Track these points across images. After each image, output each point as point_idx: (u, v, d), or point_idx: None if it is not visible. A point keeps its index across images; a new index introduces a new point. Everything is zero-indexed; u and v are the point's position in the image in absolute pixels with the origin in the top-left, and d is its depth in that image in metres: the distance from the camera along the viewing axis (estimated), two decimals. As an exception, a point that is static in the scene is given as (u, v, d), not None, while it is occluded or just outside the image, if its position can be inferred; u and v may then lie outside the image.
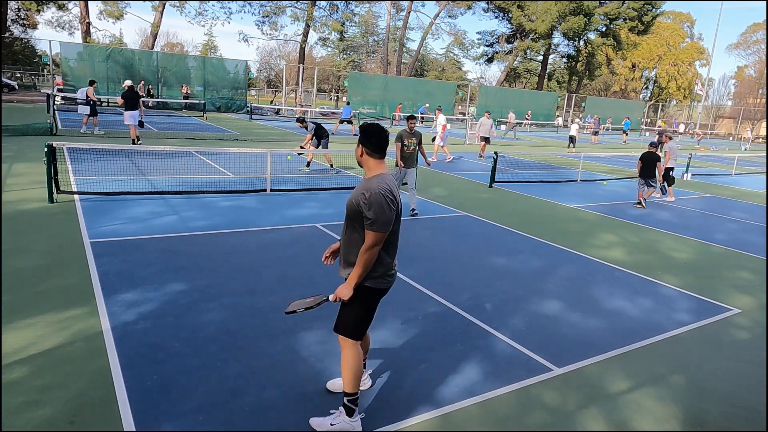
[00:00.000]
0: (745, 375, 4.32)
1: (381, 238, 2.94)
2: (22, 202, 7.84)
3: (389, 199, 2.94)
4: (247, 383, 3.60)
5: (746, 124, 59.55)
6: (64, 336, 4.05)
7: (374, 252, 2.96)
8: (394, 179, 3.13)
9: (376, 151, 3.10)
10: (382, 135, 3.12)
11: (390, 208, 2.93)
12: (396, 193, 3.03)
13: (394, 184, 3.06)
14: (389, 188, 2.98)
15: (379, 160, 3.12)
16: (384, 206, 2.91)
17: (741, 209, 12.50)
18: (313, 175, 12.33)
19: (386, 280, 3.14)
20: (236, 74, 32.58)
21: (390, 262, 3.13)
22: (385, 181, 2.99)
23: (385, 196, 2.92)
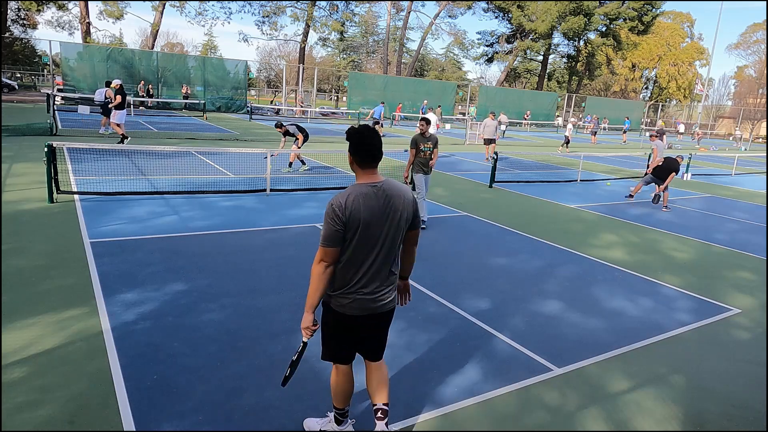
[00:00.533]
0: (745, 375, 4.32)
1: (325, 254, 2.64)
2: (22, 202, 7.84)
3: (335, 213, 2.58)
4: (247, 383, 3.60)
5: (746, 124, 59.55)
6: (64, 336, 4.05)
7: (319, 268, 2.67)
8: (374, 190, 2.66)
9: (363, 159, 2.70)
10: (368, 141, 2.70)
11: (333, 221, 2.58)
12: (352, 206, 2.58)
13: (362, 196, 2.62)
14: (342, 201, 2.59)
15: (366, 170, 2.72)
16: (327, 219, 2.61)
17: (741, 209, 12.50)
18: (313, 175, 12.33)
19: (347, 303, 2.76)
20: (236, 74, 32.59)
21: (353, 283, 2.73)
22: (348, 192, 2.63)
23: (332, 208, 2.59)
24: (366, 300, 2.77)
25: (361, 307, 2.78)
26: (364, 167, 2.71)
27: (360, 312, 2.79)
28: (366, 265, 2.71)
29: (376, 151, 2.70)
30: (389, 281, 2.84)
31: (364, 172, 2.72)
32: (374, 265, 2.73)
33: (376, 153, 2.70)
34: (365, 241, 2.66)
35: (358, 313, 2.79)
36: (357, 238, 2.64)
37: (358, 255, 2.68)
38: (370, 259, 2.71)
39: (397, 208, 2.71)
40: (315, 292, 2.72)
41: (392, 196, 2.70)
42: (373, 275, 2.74)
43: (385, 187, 2.70)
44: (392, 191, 2.70)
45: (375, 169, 2.73)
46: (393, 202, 2.69)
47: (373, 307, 2.81)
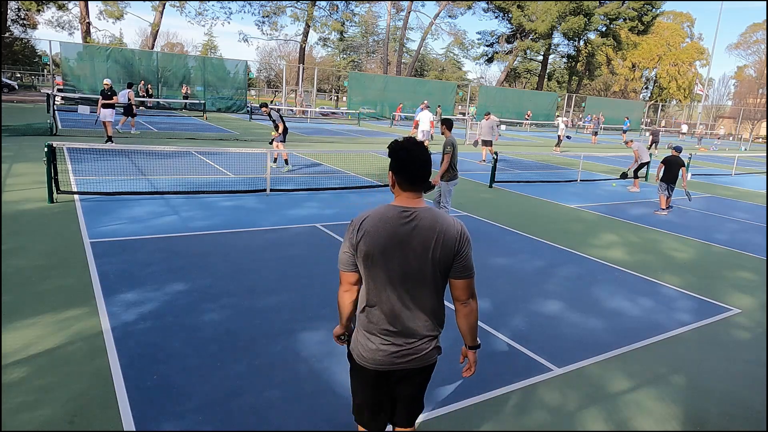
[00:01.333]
0: (745, 375, 4.32)
1: (341, 277, 2.29)
2: (22, 202, 7.83)
3: (348, 231, 2.24)
4: (247, 383, 3.60)
5: (746, 124, 59.56)
6: (64, 336, 4.05)
7: (339, 292, 2.33)
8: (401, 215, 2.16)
9: (406, 179, 2.19)
10: (414, 158, 2.17)
11: (346, 240, 2.23)
12: (366, 228, 2.16)
13: (382, 218, 2.17)
14: (359, 219, 2.21)
15: (407, 193, 2.21)
16: (345, 236, 2.27)
17: (741, 209, 12.50)
18: (313, 174, 12.33)
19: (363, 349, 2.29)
20: (236, 74, 32.59)
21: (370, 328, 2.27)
22: (369, 211, 2.23)
23: (348, 227, 2.25)
24: (382, 351, 2.26)
25: (377, 359, 2.28)
26: (406, 189, 2.20)
27: (375, 365, 2.29)
28: (381, 305, 2.23)
29: (423, 172, 2.19)
30: (416, 332, 2.27)
31: (404, 194, 2.22)
32: (391, 308, 2.22)
33: (422, 173, 2.19)
34: (377, 274, 2.19)
35: (372, 366, 2.29)
36: (369, 270, 2.20)
37: (372, 290, 2.24)
38: (384, 298, 2.22)
39: (424, 242, 2.15)
40: (341, 314, 2.39)
41: (423, 227, 2.15)
42: (391, 320, 2.24)
43: (420, 214, 2.17)
44: (426, 221, 2.16)
45: (418, 193, 2.22)
46: (420, 234, 2.15)
47: (391, 361, 2.27)
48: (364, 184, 11.56)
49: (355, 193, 10.57)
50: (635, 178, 13.78)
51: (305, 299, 5.09)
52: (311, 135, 22.55)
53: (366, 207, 9.35)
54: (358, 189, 10.99)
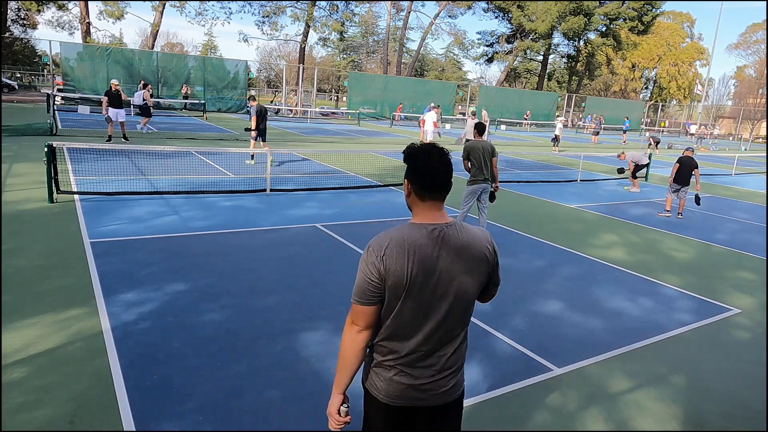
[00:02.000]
0: (745, 375, 4.32)
1: (355, 314, 1.93)
2: (22, 202, 7.83)
3: (369, 259, 1.87)
4: (247, 383, 3.60)
5: (746, 124, 59.56)
6: (64, 336, 4.05)
7: (349, 334, 1.94)
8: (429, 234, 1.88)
9: (424, 187, 1.92)
10: (435, 163, 1.91)
11: (368, 270, 1.86)
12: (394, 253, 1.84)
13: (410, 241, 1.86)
14: (383, 244, 1.87)
15: (427, 204, 1.93)
16: (360, 265, 1.91)
17: (741, 209, 12.50)
18: (313, 175, 12.33)
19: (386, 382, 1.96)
20: (236, 74, 32.58)
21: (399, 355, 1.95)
22: (392, 234, 1.90)
23: (368, 251, 1.89)
24: (413, 386, 1.95)
25: (406, 395, 1.96)
26: (425, 199, 1.92)
27: (404, 402, 1.97)
28: (416, 339, 1.93)
29: (444, 178, 1.92)
30: (450, 362, 1.98)
31: (424, 206, 1.93)
32: (427, 341, 1.94)
33: (444, 180, 1.92)
34: (414, 305, 1.89)
35: (401, 404, 1.97)
36: (401, 302, 1.88)
37: (403, 324, 1.92)
38: (421, 331, 1.92)
39: (459, 264, 1.90)
40: (343, 368, 1.95)
41: (455, 246, 1.90)
42: (426, 353, 1.95)
43: (449, 231, 1.91)
44: (456, 239, 1.91)
45: (440, 203, 1.94)
46: (453, 255, 1.89)
47: (425, 398, 1.97)
48: (364, 184, 11.55)
49: (355, 193, 10.57)
50: (634, 178, 13.80)
51: (305, 299, 5.09)
52: (311, 135, 22.55)
53: (366, 207, 9.38)
54: (358, 189, 10.99)
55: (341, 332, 2.00)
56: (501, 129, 36.22)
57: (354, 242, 7.08)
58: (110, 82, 15.31)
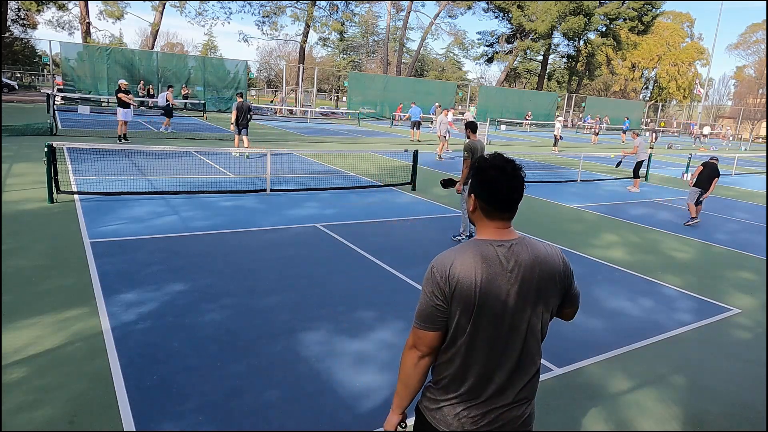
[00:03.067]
0: (746, 375, 4.31)
1: (418, 339, 1.80)
2: (22, 202, 7.83)
3: (434, 280, 1.75)
4: (247, 383, 3.60)
5: (746, 124, 59.56)
6: (64, 336, 4.05)
7: (410, 359, 1.83)
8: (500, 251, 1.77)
9: (495, 204, 1.80)
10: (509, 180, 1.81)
11: (432, 293, 1.75)
12: (462, 272, 1.72)
13: (480, 259, 1.74)
14: (448, 263, 1.75)
15: (495, 222, 1.83)
16: (425, 287, 1.79)
17: (741, 209, 12.50)
18: (313, 174, 12.32)
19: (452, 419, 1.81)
20: (236, 74, 32.58)
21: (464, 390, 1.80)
22: (458, 251, 1.78)
23: (432, 272, 1.77)
24: (482, 415, 1.81)
25: (476, 427, 1.81)
26: (494, 217, 1.82)
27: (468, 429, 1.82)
28: (484, 363, 1.79)
29: (516, 196, 1.81)
30: (523, 388, 1.84)
31: (492, 223, 1.83)
32: (499, 365, 1.80)
33: (516, 199, 1.82)
34: (482, 329, 1.76)
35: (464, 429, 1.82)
36: (471, 325, 1.75)
37: (471, 350, 1.78)
38: (490, 354, 1.79)
39: (536, 284, 1.79)
40: (405, 389, 1.86)
41: (527, 264, 1.78)
42: (486, 384, 1.81)
43: (518, 248, 1.79)
44: (527, 255, 1.79)
45: (509, 221, 1.84)
46: (529, 273, 1.77)
47: (497, 428, 1.82)
48: (364, 184, 11.55)
49: (355, 193, 10.57)
50: (636, 177, 13.79)
51: (305, 299, 5.09)
52: (311, 135, 22.55)
53: (366, 207, 9.38)
54: (358, 189, 10.98)
55: (341, 332, 1.99)
56: (501, 129, 36.21)
57: (354, 242, 7.08)
58: (119, 82, 15.43)
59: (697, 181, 10.11)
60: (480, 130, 26.17)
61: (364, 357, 4.07)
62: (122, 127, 14.86)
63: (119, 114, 14.89)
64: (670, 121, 58.79)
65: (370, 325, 4.60)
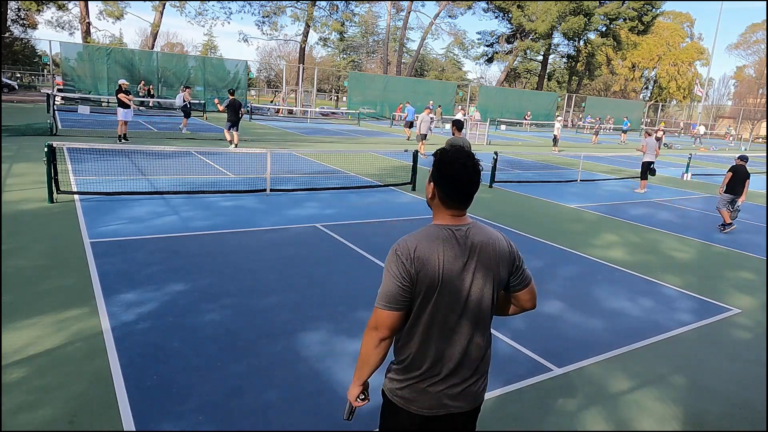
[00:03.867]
0: (746, 375, 4.31)
1: (380, 319, 1.87)
2: (22, 202, 7.83)
3: (399, 262, 1.84)
4: (247, 383, 3.60)
5: (746, 124, 59.56)
6: (64, 336, 4.05)
7: (371, 340, 1.90)
8: (456, 235, 1.90)
9: (451, 195, 1.92)
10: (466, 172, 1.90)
11: (397, 273, 1.84)
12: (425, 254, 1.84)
13: (439, 241, 1.87)
14: (411, 246, 1.86)
15: (451, 210, 1.94)
16: (387, 268, 1.87)
17: (742, 209, 12.48)
18: (313, 174, 12.32)
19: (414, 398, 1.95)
20: (236, 74, 32.58)
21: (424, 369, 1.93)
22: (419, 235, 1.90)
23: (396, 254, 1.86)
24: (442, 393, 1.94)
25: (435, 404, 1.95)
26: (450, 207, 1.93)
27: (431, 411, 1.95)
28: (442, 340, 1.92)
29: (474, 189, 1.93)
30: (477, 365, 2.00)
31: (448, 211, 1.95)
32: (456, 343, 1.94)
33: (473, 191, 1.93)
34: (442, 307, 1.88)
35: (428, 413, 1.95)
36: (432, 303, 1.87)
37: (431, 328, 1.90)
38: (447, 332, 1.92)
39: (487, 263, 1.93)
40: (365, 366, 1.96)
41: (482, 245, 1.93)
42: (449, 360, 1.94)
43: (473, 231, 1.94)
44: (480, 237, 1.94)
45: (464, 211, 1.97)
46: (481, 254, 1.92)
47: (454, 405, 1.96)
48: (364, 184, 11.55)
49: (355, 193, 10.57)
50: (643, 179, 13.66)
51: (305, 299, 5.09)
52: (311, 135, 22.56)
53: (366, 207, 9.38)
54: (358, 189, 10.98)
55: (341, 332, 2.01)
56: (501, 129, 36.21)
57: (354, 242, 7.08)
58: (119, 82, 15.43)
59: (728, 187, 9.88)
60: (480, 130, 26.21)
61: (364, 357, 4.07)
62: (122, 127, 14.90)
63: (119, 114, 14.94)
64: (670, 121, 58.79)
65: (370, 325, 4.60)
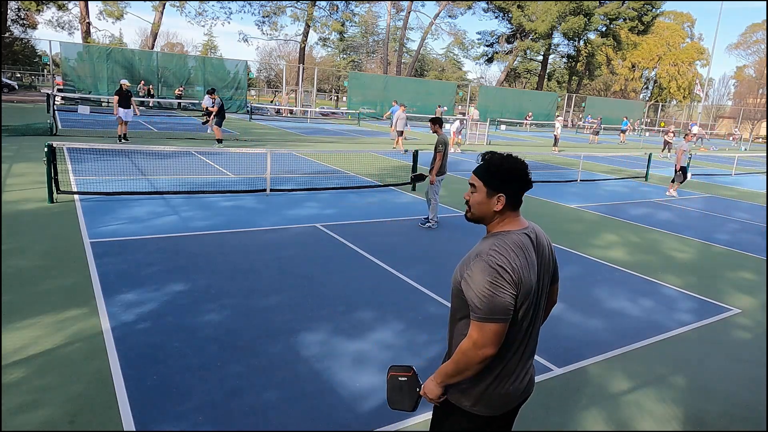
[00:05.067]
0: (745, 375, 4.31)
1: (492, 335, 1.81)
2: (22, 202, 7.83)
3: (505, 275, 1.81)
4: (247, 383, 3.60)
5: (746, 124, 59.55)
6: (64, 336, 4.05)
7: (480, 357, 1.83)
8: (530, 239, 1.97)
9: (519, 199, 1.99)
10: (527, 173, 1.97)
11: (505, 287, 1.81)
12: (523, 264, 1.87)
13: (525, 249, 1.91)
14: (509, 258, 1.84)
15: (517, 212, 2.02)
16: (489, 283, 1.80)
17: (742, 209, 12.49)
18: (313, 175, 12.32)
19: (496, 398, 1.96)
20: (236, 74, 32.58)
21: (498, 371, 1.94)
22: (508, 245, 1.88)
23: (498, 268, 1.82)
24: (509, 391, 1.98)
25: (503, 402, 1.99)
26: (517, 207, 2.00)
27: (497, 410, 1.99)
28: (517, 341, 1.95)
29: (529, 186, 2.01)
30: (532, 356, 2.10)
31: (515, 213, 2.00)
32: (527, 340, 2.00)
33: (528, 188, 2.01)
34: (527, 308, 1.93)
35: (493, 413, 1.99)
36: (522, 308, 1.90)
37: (514, 331, 1.92)
38: (524, 332, 1.97)
39: (548, 258, 2.05)
40: (456, 375, 1.92)
41: (543, 243, 2.04)
42: (522, 353, 1.99)
43: (535, 230, 2.04)
44: (542, 236, 2.07)
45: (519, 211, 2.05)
46: (545, 251, 2.04)
47: (516, 398, 2.03)
48: (364, 184, 11.55)
49: (355, 193, 10.57)
50: (674, 182, 13.42)
51: (305, 299, 5.09)
52: (311, 135, 22.55)
53: (366, 207, 9.38)
54: (358, 189, 10.99)
55: (341, 333, 1.99)
56: (501, 129, 36.21)
57: (354, 242, 7.08)
58: (120, 82, 15.46)
59: None
60: (480, 130, 26.22)
61: (363, 357, 4.07)
62: (122, 127, 14.90)
63: (120, 114, 14.92)
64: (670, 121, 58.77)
65: (369, 326, 4.60)
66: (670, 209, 11.65)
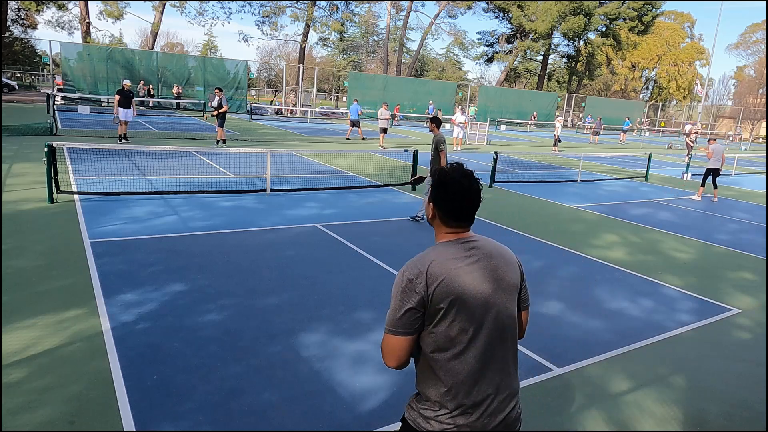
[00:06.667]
0: (746, 375, 4.31)
1: (391, 343, 1.77)
2: (22, 202, 7.83)
3: (409, 285, 1.75)
4: (247, 383, 3.60)
5: (746, 124, 59.56)
6: (63, 336, 4.05)
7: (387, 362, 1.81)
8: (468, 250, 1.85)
9: (454, 216, 1.87)
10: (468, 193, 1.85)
11: (406, 296, 1.74)
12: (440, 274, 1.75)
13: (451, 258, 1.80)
14: (422, 268, 1.77)
15: (455, 229, 1.89)
16: (396, 292, 1.78)
17: (742, 209, 12.49)
18: (313, 175, 12.33)
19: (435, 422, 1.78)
20: (236, 74, 32.57)
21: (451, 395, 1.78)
22: (430, 255, 1.82)
23: (405, 277, 1.77)
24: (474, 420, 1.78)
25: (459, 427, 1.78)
26: (451, 225, 1.89)
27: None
28: (469, 363, 1.79)
29: (475, 210, 1.88)
30: (507, 384, 1.89)
31: (451, 230, 1.90)
32: (483, 363, 1.81)
33: (474, 209, 1.88)
34: (464, 325, 1.77)
35: None
36: (451, 323, 1.76)
37: (454, 349, 1.78)
38: (474, 354, 1.79)
39: (501, 275, 1.86)
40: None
41: (494, 256, 1.88)
42: (482, 377, 1.81)
43: (480, 243, 1.90)
44: (493, 246, 1.91)
45: (467, 228, 1.92)
46: (495, 266, 1.86)
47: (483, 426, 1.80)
48: (363, 184, 11.55)
49: (355, 193, 10.57)
50: (702, 185, 13.30)
51: (305, 299, 5.09)
52: (311, 135, 22.56)
53: (366, 207, 9.38)
54: (358, 189, 10.98)
55: (341, 333, 2.02)
56: (501, 129, 36.20)
57: (354, 242, 7.08)
58: (123, 82, 15.55)
59: None
60: (480, 130, 26.20)
61: (363, 357, 4.07)
62: (122, 127, 14.91)
63: (120, 114, 14.93)
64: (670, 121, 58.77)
65: (369, 326, 4.60)
66: (670, 209, 11.65)
